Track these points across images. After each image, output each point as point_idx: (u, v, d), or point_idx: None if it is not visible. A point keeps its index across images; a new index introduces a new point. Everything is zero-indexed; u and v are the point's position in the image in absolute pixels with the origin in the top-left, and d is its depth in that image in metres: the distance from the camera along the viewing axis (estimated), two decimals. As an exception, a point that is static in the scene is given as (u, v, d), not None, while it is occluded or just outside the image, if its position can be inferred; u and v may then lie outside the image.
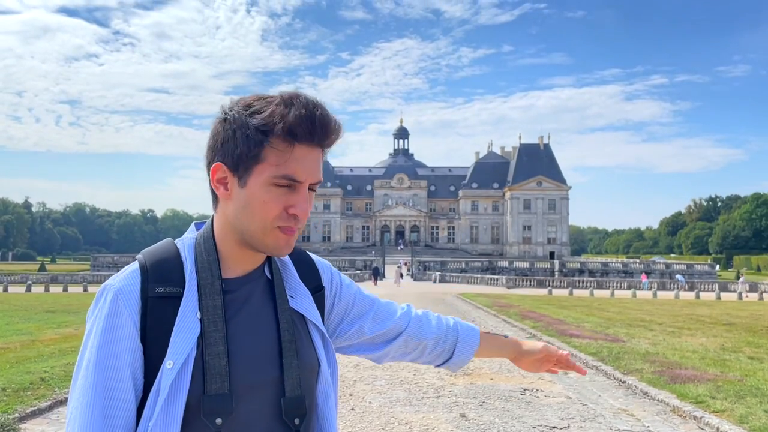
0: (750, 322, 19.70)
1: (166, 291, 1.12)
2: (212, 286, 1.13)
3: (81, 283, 45.93)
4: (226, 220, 1.17)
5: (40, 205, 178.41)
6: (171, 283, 1.13)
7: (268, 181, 1.10)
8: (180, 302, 1.11)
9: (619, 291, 44.21)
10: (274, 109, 1.09)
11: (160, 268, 1.14)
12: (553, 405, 8.02)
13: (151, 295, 1.11)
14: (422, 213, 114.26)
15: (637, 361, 10.90)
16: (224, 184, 1.14)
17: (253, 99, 1.13)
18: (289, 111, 1.09)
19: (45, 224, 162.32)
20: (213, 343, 1.09)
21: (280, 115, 1.09)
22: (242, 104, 1.13)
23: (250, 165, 1.10)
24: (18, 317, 18.05)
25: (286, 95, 1.11)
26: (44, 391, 7.76)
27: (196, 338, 1.09)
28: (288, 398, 1.14)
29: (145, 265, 1.14)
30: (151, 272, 1.13)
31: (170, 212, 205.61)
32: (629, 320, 19.39)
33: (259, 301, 1.19)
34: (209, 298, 1.12)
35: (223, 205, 1.16)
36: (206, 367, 1.07)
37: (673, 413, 7.58)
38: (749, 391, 8.41)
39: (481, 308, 24.33)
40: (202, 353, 1.08)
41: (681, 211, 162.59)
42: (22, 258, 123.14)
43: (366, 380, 9.41)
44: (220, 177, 1.14)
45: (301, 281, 1.28)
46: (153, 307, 1.10)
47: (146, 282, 1.12)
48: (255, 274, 1.21)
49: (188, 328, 1.09)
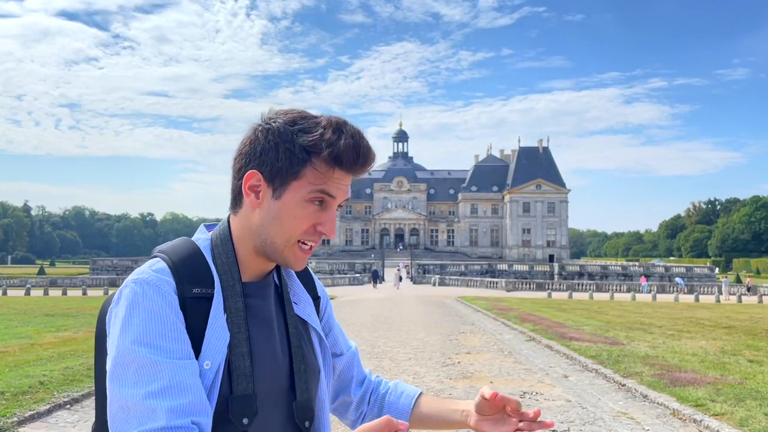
0: (750, 325, 19.70)
1: (201, 292, 1.11)
2: (233, 288, 1.14)
3: (80, 287, 45.84)
4: (249, 226, 1.16)
5: (39, 208, 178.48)
6: (204, 284, 1.12)
7: (304, 197, 1.12)
8: (211, 303, 1.11)
9: (619, 294, 44.25)
10: (323, 133, 1.10)
11: (191, 268, 1.13)
12: (553, 408, 8.02)
13: (188, 295, 1.10)
14: (422, 216, 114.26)
15: (636, 364, 10.90)
16: (256, 191, 1.14)
17: (298, 116, 1.14)
18: (339, 138, 1.10)
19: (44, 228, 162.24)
20: (237, 344, 1.10)
21: (329, 141, 1.10)
22: (287, 119, 1.13)
23: (288, 180, 1.12)
24: (17, 321, 18.02)
25: (333, 120, 1.13)
26: (43, 395, 7.75)
27: (228, 339, 1.10)
28: (299, 402, 1.16)
29: (175, 265, 1.12)
30: (183, 272, 1.11)
31: (170, 215, 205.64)
32: (629, 323, 19.39)
33: (270, 307, 1.21)
34: (231, 300, 1.13)
35: (248, 212, 1.16)
36: (232, 367, 1.09)
37: (673, 416, 7.58)
38: (749, 394, 8.41)
39: (480, 311, 24.31)
40: (229, 354, 1.10)
41: (680, 214, 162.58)
42: (21, 261, 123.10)
43: (365, 384, 9.39)
44: (254, 184, 1.13)
45: (303, 288, 1.31)
46: (190, 308, 1.09)
47: (181, 282, 1.10)
48: (267, 280, 1.23)
49: (222, 329, 1.10)
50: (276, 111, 1.16)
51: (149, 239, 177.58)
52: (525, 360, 12.15)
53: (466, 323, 19.87)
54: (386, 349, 13.20)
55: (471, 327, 18.65)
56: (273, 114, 1.15)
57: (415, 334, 16.14)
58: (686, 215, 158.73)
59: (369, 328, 17.76)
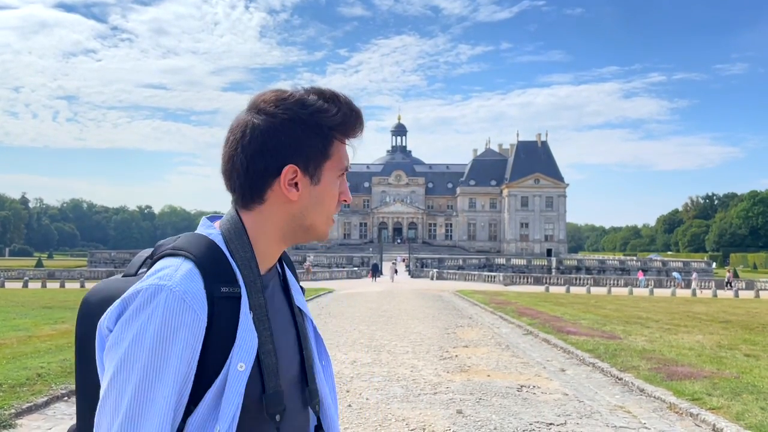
0: (746, 319, 19.76)
1: (230, 291, 1.06)
2: (254, 284, 1.10)
3: (78, 279, 45.82)
4: (285, 219, 1.14)
5: (37, 200, 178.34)
6: (230, 283, 1.07)
7: (336, 175, 1.17)
8: (239, 302, 1.07)
9: (616, 288, 44.31)
10: (330, 108, 1.13)
11: (218, 266, 1.07)
12: (550, 402, 8.04)
13: (217, 295, 1.05)
14: (420, 210, 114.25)
15: (633, 358, 10.93)
16: (295, 185, 1.12)
17: (295, 97, 1.12)
18: (347, 110, 1.15)
19: (42, 220, 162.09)
20: (264, 342, 1.08)
21: (343, 115, 1.14)
22: (293, 103, 1.11)
23: (321, 162, 1.14)
24: (15, 313, 17.99)
25: (327, 93, 1.14)
26: (41, 387, 7.74)
27: (257, 339, 1.07)
28: (311, 388, 1.19)
29: (202, 263, 1.06)
30: (209, 270, 1.06)
31: (168, 208, 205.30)
32: (626, 317, 19.43)
33: (280, 297, 1.21)
34: (254, 296, 1.09)
35: (279, 204, 1.13)
36: (263, 366, 1.06)
37: (670, 410, 7.60)
38: (745, 388, 8.44)
39: (478, 305, 24.34)
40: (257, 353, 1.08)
41: (678, 209, 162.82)
42: (18, 254, 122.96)
43: (363, 377, 9.41)
44: (292, 178, 1.12)
45: (294, 278, 1.31)
46: (219, 309, 1.04)
47: (209, 282, 1.05)
48: (274, 271, 1.22)
49: (250, 329, 1.07)
50: (263, 99, 1.13)
51: (147, 232, 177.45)
52: (522, 354, 12.17)
53: (463, 317, 19.89)
54: (384, 342, 13.22)
55: (468, 321, 18.67)
56: (267, 103, 1.12)
57: (412, 328, 16.16)
58: (684, 210, 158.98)
59: (367, 321, 17.77)
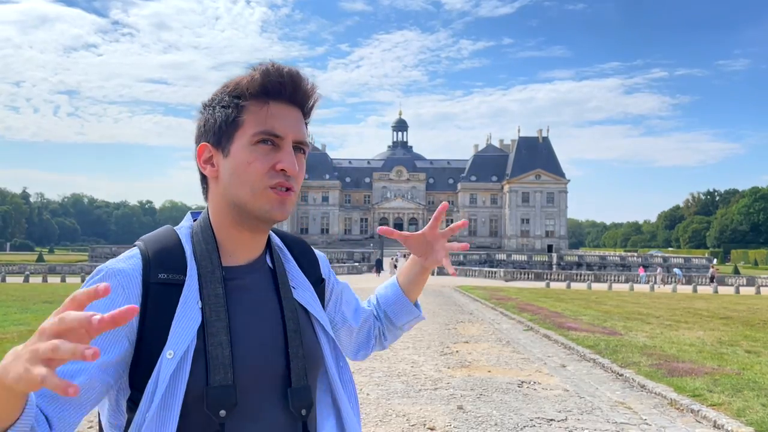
0: (747, 315, 19.75)
1: (169, 278, 1.09)
2: (213, 274, 1.11)
3: (79, 274, 45.94)
4: (220, 200, 1.16)
5: (38, 195, 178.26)
6: (173, 270, 1.10)
7: (249, 141, 1.11)
8: (181, 290, 1.08)
9: (617, 284, 44.31)
10: (244, 75, 1.13)
11: (162, 254, 1.12)
12: (551, 397, 8.03)
13: (153, 281, 1.08)
14: (420, 206, 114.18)
15: (634, 354, 10.92)
16: (210, 162, 1.15)
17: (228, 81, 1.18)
18: (257, 72, 1.12)
19: (43, 215, 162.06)
20: (215, 333, 1.06)
21: (249, 77, 1.12)
22: (220, 88, 1.18)
23: (231, 133, 1.12)
24: (15, 307, 18.04)
25: (260, 65, 1.14)
26: (41, 382, 7.75)
27: (197, 328, 1.06)
28: (294, 389, 1.12)
29: (146, 251, 1.12)
30: (152, 258, 1.11)
31: (168, 203, 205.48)
32: (627, 313, 19.43)
33: (262, 290, 1.17)
34: (210, 286, 1.10)
35: (214, 186, 1.17)
36: (209, 357, 1.04)
37: (671, 406, 7.60)
38: (746, 384, 8.43)
39: (478, 301, 24.35)
40: (204, 344, 1.05)
41: (679, 205, 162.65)
42: (19, 248, 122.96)
43: (363, 372, 9.41)
44: (207, 157, 1.15)
45: (302, 273, 1.26)
46: (154, 294, 1.07)
47: (148, 267, 1.09)
48: (257, 264, 1.19)
49: (189, 317, 1.06)
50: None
51: (148, 227, 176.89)
52: (523, 349, 12.17)
53: (464, 312, 19.89)
54: (384, 338, 13.22)
55: (469, 316, 18.68)
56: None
57: (413, 323, 16.15)
58: (685, 206, 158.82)
59: (367, 316, 17.78)
